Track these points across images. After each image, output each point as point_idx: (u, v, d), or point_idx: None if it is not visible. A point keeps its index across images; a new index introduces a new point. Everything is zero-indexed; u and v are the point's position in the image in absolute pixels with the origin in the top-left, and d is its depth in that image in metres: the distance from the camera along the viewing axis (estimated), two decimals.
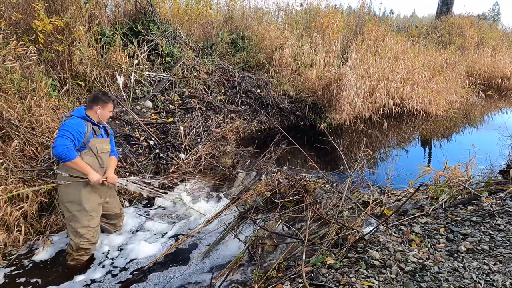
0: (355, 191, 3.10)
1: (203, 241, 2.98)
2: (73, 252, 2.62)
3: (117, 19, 5.42)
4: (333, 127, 6.05)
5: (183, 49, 5.75)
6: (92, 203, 2.63)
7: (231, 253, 2.80)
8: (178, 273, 2.62)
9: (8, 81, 3.36)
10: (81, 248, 2.63)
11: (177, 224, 3.27)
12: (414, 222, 2.27)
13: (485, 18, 19.05)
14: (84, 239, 2.61)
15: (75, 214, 2.57)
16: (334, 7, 8.87)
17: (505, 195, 2.57)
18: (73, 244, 2.61)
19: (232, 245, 2.87)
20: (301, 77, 6.55)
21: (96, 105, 2.60)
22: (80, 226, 2.59)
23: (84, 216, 2.59)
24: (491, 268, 1.68)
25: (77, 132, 2.44)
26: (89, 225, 2.62)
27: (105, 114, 2.66)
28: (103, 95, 2.64)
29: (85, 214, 2.59)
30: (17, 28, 4.10)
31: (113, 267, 2.71)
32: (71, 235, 2.63)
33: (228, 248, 2.86)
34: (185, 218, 3.39)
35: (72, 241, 2.62)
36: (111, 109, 2.68)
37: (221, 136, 4.83)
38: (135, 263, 2.74)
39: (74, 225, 2.58)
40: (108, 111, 2.67)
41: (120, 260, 2.78)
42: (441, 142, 5.97)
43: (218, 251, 2.84)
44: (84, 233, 2.60)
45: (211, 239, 2.95)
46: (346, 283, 1.63)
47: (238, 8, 7.74)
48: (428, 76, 7.54)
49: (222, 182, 4.00)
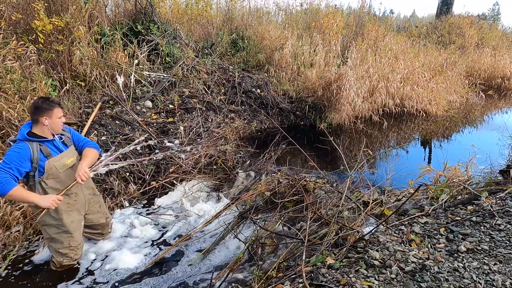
0: (355, 191, 3.10)
1: (203, 241, 2.98)
2: (57, 269, 2.53)
3: (117, 19, 5.42)
4: (333, 127, 6.05)
5: (183, 49, 5.76)
6: (71, 223, 2.43)
7: (231, 253, 2.80)
8: (178, 273, 2.62)
9: (8, 81, 3.37)
10: (64, 265, 2.52)
11: (177, 224, 3.27)
12: (414, 222, 2.27)
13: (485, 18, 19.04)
14: (67, 258, 2.49)
15: (53, 237, 2.41)
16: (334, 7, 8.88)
17: (505, 195, 2.57)
18: (56, 262, 2.49)
19: (232, 245, 2.87)
20: (301, 77, 6.55)
21: (40, 116, 2.19)
22: (61, 247, 2.45)
23: (64, 238, 2.43)
24: (491, 268, 1.68)
25: (17, 162, 2.10)
26: (70, 245, 2.47)
27: (56, 122, 2.25)
28: (43, 102, 2.21)
29: (65, 236, 2.43)
30: (17, 28, 4.10)
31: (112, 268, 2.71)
32: (53, 253, 2.50)
33: (228, 248, 2.86)
34: (184, 218, 3.39)
35: (54, 258, 2.49)
36: (60, 114, 2.27)
37: (221, 136, 4.83)
38: (135, 263, 2.74)
39: (55, 246, 2.44)
40: (57, 118, 2.25)
41: (119, 261, 2.78)
42: (441, 142, 5.97)
43: (218, 251, 2.84)
44: (66, 253, 2.47)
45: (211, 239, 2.95)
46: (346, 283, 1.63)
47: (238, 8, 7.75)
48: (428, 76, 7.54)
49: (222, 182, 4.00)
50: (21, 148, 2.14)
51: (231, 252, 2.81)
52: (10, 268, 2.64)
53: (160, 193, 3.72)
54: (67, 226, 2.41)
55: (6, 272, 2.59)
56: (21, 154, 2.13)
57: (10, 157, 2.10)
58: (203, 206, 3.51)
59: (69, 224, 2.42)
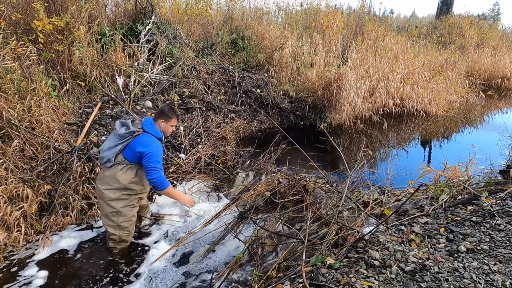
0: (355, 191, 3.10)
1: (203, 241, 2.98)
2: (117, 244, 2.78)
3: (117, 19, 5.42)
4: (333, 127, 6.05)
5: (183, 49, 5.75)
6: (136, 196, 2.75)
7: (231, 253, 2.80)
8: (178, 273, 2.62)
9: (8, 81, 3.36)
10: (124, 240, 2.78)
11: (177, 224, 3.27)
12: (414, 222, 2.27)
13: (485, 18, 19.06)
14: (125, 231, 2.75)
15: (119, 210, 2.65)
16: (334, 7, 8.88)
17: (505, 195, 2.56)
18: (116, 237, 2.74)
19: (232, 245, 2.87)
20: (301, 77, 6.55)
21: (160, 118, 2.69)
22: (123, 220, 2.70)
23: (129, 211, 2.70)
24: (491, 268, 1.68)
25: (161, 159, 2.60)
26: (131, 219, 2.75)
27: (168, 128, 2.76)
28: (169, 110, 2.73)
29: (130, 208, 2.71)
30: (17, 28, 4.10)
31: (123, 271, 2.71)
32: (111, 229, 2.71)
33: (228, 248, 2.86)
34: (184, 218, 3.39)
35: (113, 235, 2.72)
36: (174, 123, 2.78)
37: (221, 136, 4.83)
38: None
39: (117, 220, 2.67)
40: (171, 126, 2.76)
41: None
42: (441, 142, 5.96)
43: (218, 251, 2.85)
44: (126, 226, 2.73)
45: (211, 239, 2.95)
46: (346, 283, 1.63)
47: (238, 8, 7.74)
48: (428, 76, 7.54)
49: (222, 182, 4.00)
50: (160, 147, 2.63)
51: (231, 252, 2.82)
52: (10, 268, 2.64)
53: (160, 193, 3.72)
54: (134, 201, 2.73)
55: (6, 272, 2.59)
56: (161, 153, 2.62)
57: (160, 156, 2.57)
58: (203, 206, 3.51)
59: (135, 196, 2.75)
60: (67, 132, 3.67)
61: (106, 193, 2.60)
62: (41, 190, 3.07)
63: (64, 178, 3.24)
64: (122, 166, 2.57)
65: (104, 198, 2.62)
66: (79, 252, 2.85)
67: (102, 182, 2.61)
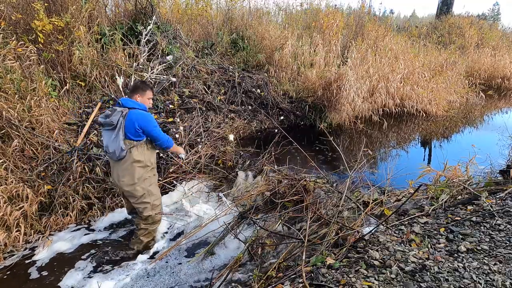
0: (355, 191, 3.09)
1: (203, 241, 2.98)
2: (151, 225, 2.86)
3: (117, 19, 5.42)
4: (333, 127, 6.05)
5: (183, 49, 5.75)
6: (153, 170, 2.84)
7: (231, 253, 2.80)
8: (178, 273, 2.62)
9: (8, 81, 3.36)
10: (157, 221, 2.89)
11: (177, 224, 3.27)
12: (414, 222, 2.27)
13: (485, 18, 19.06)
14: (158, 209, 2.87)
15: (150, 189, 2.76)
16: (334, 7, 8.87)
17: (505, 195, 2.56)
18: (151, 219, 2.83)
19: (232, 245, 2.87)
20: (301, 77, 6.54)
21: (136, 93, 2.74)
22: (155, 198, 2.82)
23: (155, 189, 2.85)
24: (491, 268, 1.68)
25: None
26: (159, 196, 2.90)
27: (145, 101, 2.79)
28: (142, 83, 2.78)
29: (155, 186, 2.85)
30: (17, 28, 4.10)
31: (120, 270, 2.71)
32: (146, 211, 2.78)
33: (228, 248, 2.86)
34: (184, 218, 3.39)
35: (148, 217, 2.81)
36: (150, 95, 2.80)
37: (221, 136, 4.82)
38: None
39: (151, 199, 2.78)
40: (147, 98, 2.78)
41: None
42: (441, 142, 5.96)
43: (218, 251, 2.84)
44: (158, 204, 2.87)
45: (211, 239, 2.95)
46: (346, 283, 1.63)
47: (238, 8, 7.74)
48: (428, 76, 7.53)
49: (222, 182, 4.00)
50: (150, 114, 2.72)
51: (231, 252, 2.81)
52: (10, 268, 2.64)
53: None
54: (154, 178, 2.86)
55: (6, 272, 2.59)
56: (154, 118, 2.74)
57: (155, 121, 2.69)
58: (203, 206, 3.51)
59: (155, 176, 2.90)
60: (67, 132, 3.67)
61: (132, 177, 2.65)
62: (41, 190, 3.07)
63: (64, 178, 3.25)
64: (133, 147, 2.62)
65: (134, 183, 2.67)
66: (79, 252, 2.86)
67: (124, 173, 2.64)
